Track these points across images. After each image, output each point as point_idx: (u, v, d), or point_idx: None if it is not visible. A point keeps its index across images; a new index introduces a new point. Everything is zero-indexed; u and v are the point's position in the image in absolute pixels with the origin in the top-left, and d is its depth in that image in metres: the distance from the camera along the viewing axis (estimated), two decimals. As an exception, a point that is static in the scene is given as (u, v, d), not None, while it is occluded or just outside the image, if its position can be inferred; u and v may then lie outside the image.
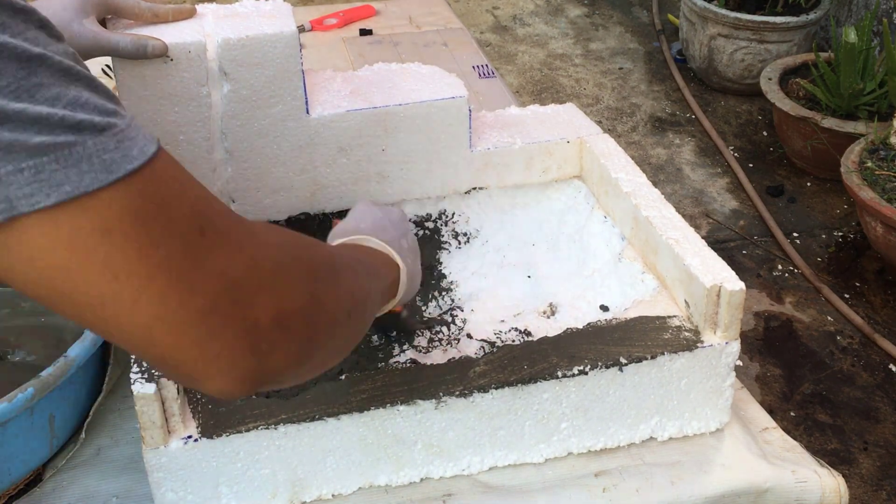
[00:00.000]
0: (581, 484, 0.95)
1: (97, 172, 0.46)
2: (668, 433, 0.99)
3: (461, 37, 2.02)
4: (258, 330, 0.52)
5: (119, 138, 0.47)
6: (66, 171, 0.45)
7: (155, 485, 0.87)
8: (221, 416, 0.88)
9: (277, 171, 1.12)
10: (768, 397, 2.16)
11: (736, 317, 0.94)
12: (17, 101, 0.44)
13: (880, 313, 2.40)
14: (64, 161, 0.45)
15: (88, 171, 0.46)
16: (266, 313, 0.52)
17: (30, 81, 0.44)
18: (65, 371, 0.92)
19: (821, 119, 2.75)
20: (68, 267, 0.46)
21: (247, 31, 1.03)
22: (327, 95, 1.13)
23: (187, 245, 0.49)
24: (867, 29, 2.69)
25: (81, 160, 0.45)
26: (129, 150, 0.47)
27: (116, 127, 0.47)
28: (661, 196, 1.09)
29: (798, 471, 0.97)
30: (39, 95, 0.45)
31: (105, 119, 0.47)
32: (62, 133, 0.45)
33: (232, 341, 0.51)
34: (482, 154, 1.18)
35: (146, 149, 0.49)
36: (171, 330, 0.49)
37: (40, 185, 0.44)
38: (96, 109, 0.47)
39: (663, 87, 3.55)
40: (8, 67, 0.44)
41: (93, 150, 0.46)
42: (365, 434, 0.90)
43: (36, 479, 0.96)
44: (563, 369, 0.92)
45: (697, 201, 2.89)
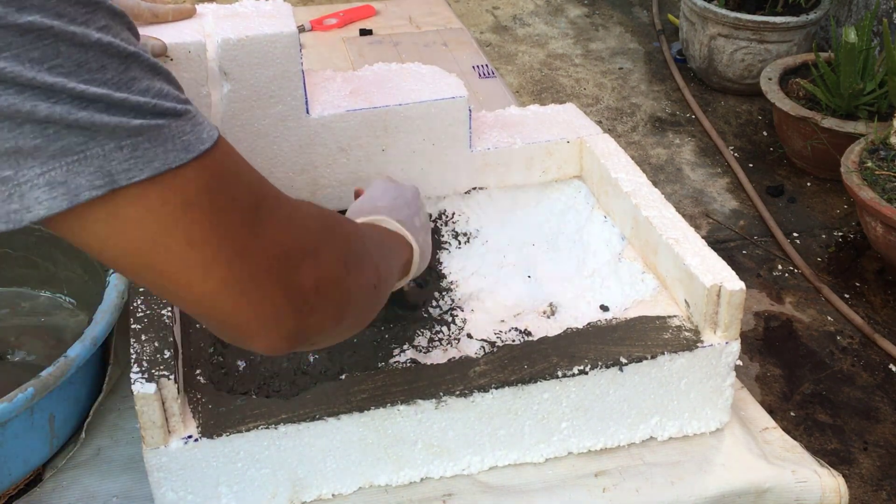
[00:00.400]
0: (581, 484, 0.95)
1: (178, 151, 0.53)
2: (668, 433, 0.99)
3: (461, 37, 2.02)
4: (302, 293, 0.60)
5: (193, 123, 0.54)
6: (156, 149, 0.52)
7: (155, 485, 0.87)
8: (221, 415, 0.88)
9: (277, 171, 1.12)
10: (768, 397, 2.16)
11: (736, 316, 0.94)
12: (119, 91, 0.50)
13: (880, 313, 2.40)
14: (154, 140, 0.52)
15: (172, 150, 0.52)
16: (308, 279, 0.60)
17: (127, 75, 0.51)
18: (65, 371, 0.92)
19: (821, 119, 2.75)
20: (155, 237, 0.53)
21: (247, 31, 1.03)
22: (327, 95, 1.13)
23: (247, 218, 0.57)
24: (867, 29, 2.69)
25: (167, 140, 0.52)
26: (201, 133, 0.54)
27: (190, 113, 0.54)
28: (661, 196, 1.09)
29: (798, 471, 0.97)
30: (135, 87, 0.51)
31: (183, 106, 0.54)
32: (153, 118, 0.52)
33: (280, 302, 0.59)
34: (482, 154, 1.18)
35: (212, 133, 0.55)
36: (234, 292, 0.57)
37: (136, 161, 0.51)
38: (175, 98, 0.54)
39: (663, 87, 3.55)
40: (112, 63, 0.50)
41: (176, 131, 0.53)
42: (365, 434, 0.90)
43: (36, 479, 0.96)
44: (563, 369, 0.92)
45: (697, 201, 2.90)
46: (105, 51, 0.50)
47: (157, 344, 0.88)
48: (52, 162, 0.49)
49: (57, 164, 0.50)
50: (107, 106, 0.50)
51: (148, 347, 0.87)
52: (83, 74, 0.49)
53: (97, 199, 0.51)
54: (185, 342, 0.97)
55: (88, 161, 0.50)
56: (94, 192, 0.50)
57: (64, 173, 0.50)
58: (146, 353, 0.87)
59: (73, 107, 0.49)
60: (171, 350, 0.87)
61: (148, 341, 0.88)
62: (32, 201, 0.50)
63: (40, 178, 0.50)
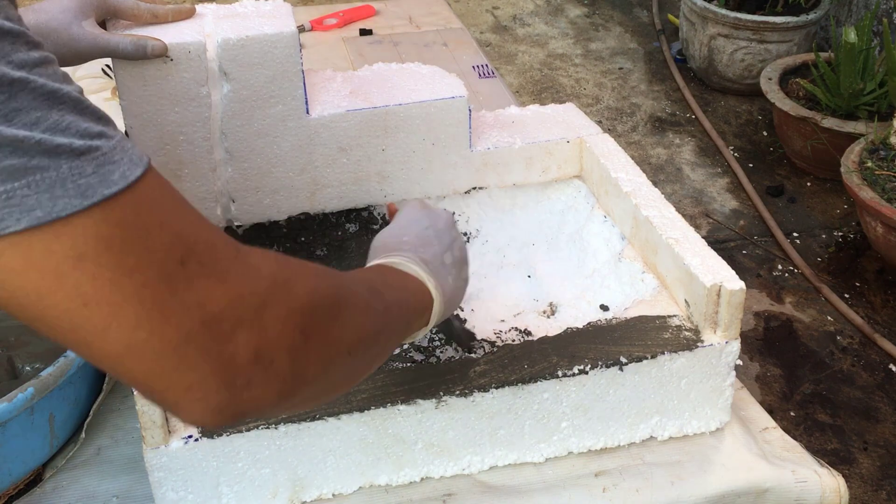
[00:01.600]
0: (581, 484, 0.95)
1: (71, 198, 0.45)
2: (668, 433, 0.99)
3: (461, 37, 2.02)
4: (234, 365, 0.51)
5: (99, 162, 0.46)
6: (38, 195, 0.44)
7: (155, 484, 0.87)
8: (221, 415, 0.88)
9: (277, 171, 1.12)
10: (768, 397, 2.16)
11: (736, 316, 0.94)
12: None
13: (880, 313, 2.40)
14: (36, 186, 0.44)
15: (62, 197, 0.45)
16: (245, 348, 0.51)
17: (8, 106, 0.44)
18: (65, 371, 0.92)
19: (821, 119, 2.75)
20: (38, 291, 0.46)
21: (247, 31, 1.03)
22: (327, 95, 1.13)
23: (164, 275, 0.48)
24: (867, 29, 2.69)
25: (55, 185, 0.45)
26: (110, 175, 0.46)
27: (98, 150, 0.46)
28: (661, 196, 1.09)
29: (798, 471, 0.97)
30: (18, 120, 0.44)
31: (86, 143, 0.46)
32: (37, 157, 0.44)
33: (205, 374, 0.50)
34: (482, 154, 1.18)
35: (129, 173, 0.47)
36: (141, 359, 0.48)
37: (10, 210, 0.44)
38: (77, 133, 0.46)
39: (663, 87, 3.55)
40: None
41: (67, 174, 0.45)
42: (365, 433, 0.90)
43: (36, 479, 0.96)
44: (563, 369, 0.92)
45: (697, 201, 2.90)
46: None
47: (157, 344, 0.88)
48: None
49: None
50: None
51: (148, 347, 0.87)
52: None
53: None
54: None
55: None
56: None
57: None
58: (146, 352, 0.87)
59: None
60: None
61: (148, 341, 0.88)
62: None
63: None
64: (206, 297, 0.49)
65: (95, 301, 0.46)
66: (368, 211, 1.18)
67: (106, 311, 0.47)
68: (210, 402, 0.50)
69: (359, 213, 1.18)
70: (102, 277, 0.46)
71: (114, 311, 0.47)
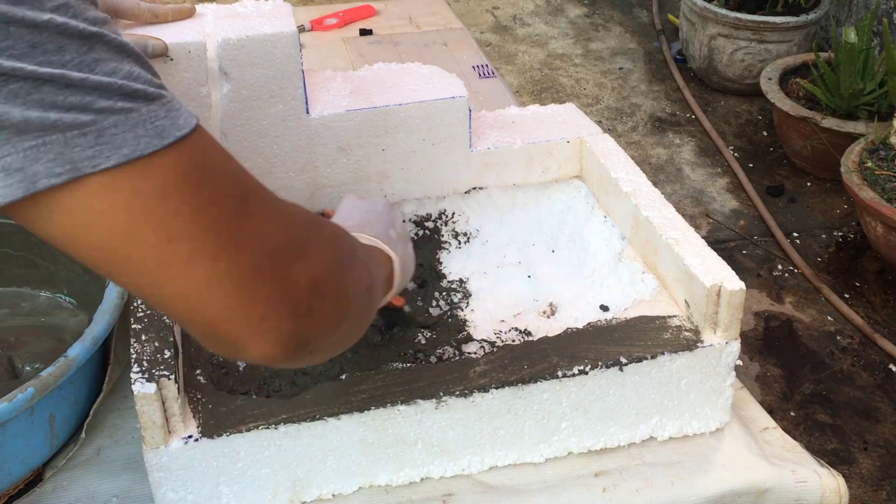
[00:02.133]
0: (581, 484, 0.95)
1: (151, 137, 0.48)
2: (668, 433, 0.99)
3: (461, 37, 2.02)
4: (297, 292, 0.54)
5: (168, 108, 0.50)
6: (125, 134, 0.48)
7: (155, 484, 0.87)
8: (222, 415, 0.88)
9: (277, 171, 1.12)
10: (768, 397, 2.16)
11: (736, 316, 0.94)
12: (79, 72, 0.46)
13: (880, 313, 2.40)
14: (122, 125, 0.48)
15: (143, 136, 0.48)
16: (303, 277, 0.55)
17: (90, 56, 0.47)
18: (65, 371, 0.92)
19: (821, 119, 2.75)
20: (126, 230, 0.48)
21: (247, 31, 1.03)
22: (327, 95, 1.13)
23: (233, 210, 0.52)
24: (867, 29, 2.69)
25: (137, 125, 0.48)
26: (177, 119, 0.50)
27: (164, 98, 0.50)
28: (661, 196, 1.09)
29: (798, 471, 0.97)
30: (99, 69, 0.47)
31: (156, 90, 0.50)
32: (120, 100, 0.48)
33: (275, 303, 0.53)
34: (482, 154, 1.18)
35: (189, 120, 0.51)
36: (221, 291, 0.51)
37: (101, 148, 0.47)
38: (148, 81, 0.50)
39: (663, 87, 3.55)
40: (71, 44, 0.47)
41: (147, 116, 0.49)
42: (365, 434, 0.90)
43: (36, 479, 0.96)
44: (563, 369, 0.92)
45: (697, 201, 2.90)
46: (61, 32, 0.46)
47: (157, 344, 0.88)
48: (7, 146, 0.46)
49: (13, 150, 0.46)
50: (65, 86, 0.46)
51: (148, 347, 0.87)
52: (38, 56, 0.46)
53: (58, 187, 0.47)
54: (185, 342, 0.97)
55: (47, 147, 0.46)
56: (54, 180, 0.47)
57: (20, 159, 0.46)
58: (146, 352, 0.87)
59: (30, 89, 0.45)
60: (172, 350, 0.87)
61: (148, 341, 0.88)
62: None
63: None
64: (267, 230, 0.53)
65: (180, 235, 0.49)
66: (368, 211, 1.18)
67: (189, 244, 0.49)
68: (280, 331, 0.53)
69: (359, 213, 1.18)
70: (184, 213, 0.49)
71: (196, 245, 0.50)
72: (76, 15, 0.48)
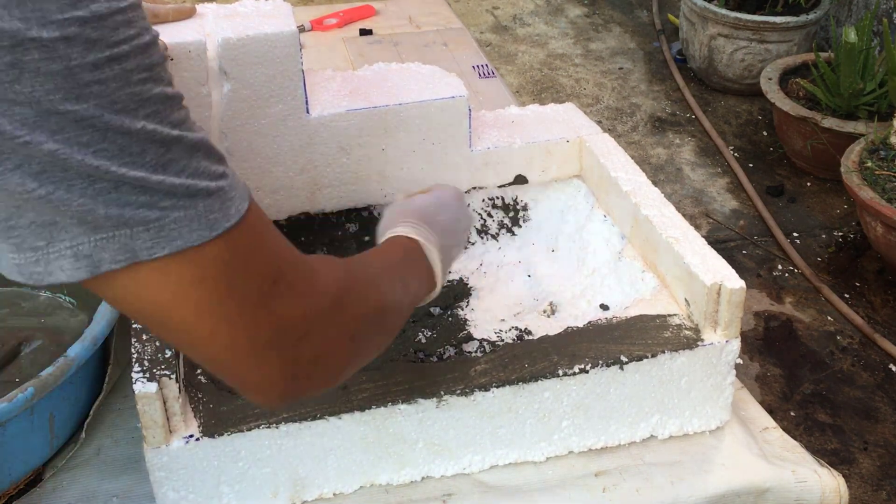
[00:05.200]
0: (581, 484, 0.95)
1: (202, 230, 0.56)
2: (668, 431, 0.99)
3: (461, 37, 2.02)
4: (299, 365, 0.63)
5: (223, 200, 0.57)
6: (181, 229, 0.55)
7: (156, 484, 0.87)
8: (223, 415, 0.88)
9: (277, 171, 1.12)
10: (768, 397, 2.16)
11: (736, 315, 0.94)
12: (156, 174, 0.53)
13: (880, 313, 2.40)
14: (181, 221, 0.55)
15: (196, 229, 0.55)
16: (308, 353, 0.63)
17: (167, 157, 0.54)
18: (65, 371, 0.92)
19: (821, 119, 2.75)
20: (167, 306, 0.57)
21: (247, 30, 1.03)
22: (327, 95, 1.13)
23: (260, 292, 0.59)
24: (867, 29, 2.69)
25: (193, 220, 0.55)
26: (229, 210, 0.57)
27: (222, 190, 0.57)
28: (660, 195, 1.09)
29: (798, 471, 0.97)
30: (171, 169, 0.54)
31: (216, 184, 0.56)
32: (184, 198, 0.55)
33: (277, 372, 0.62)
34: (482, 154, 1.18)
35: (240, 207, 0.58)
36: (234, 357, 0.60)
37: (159, 240, 0.54)
38: (210, 176, 0.56)
39: (663, 87, 3.55)
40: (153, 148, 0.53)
41: (202, 211, 0.56)
42: (366, 433, 0.90)
43: (36, 479, 0.96)
44: (563, 368, 0.92)
45: (697, 201, 2.90)
46: (148, 137, 0.53)
47: (157, 343, 0.88)
48: (81, 237, 0.53)
49: (86, 240, 0.53)
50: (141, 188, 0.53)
51: (149, 347, 0.87)
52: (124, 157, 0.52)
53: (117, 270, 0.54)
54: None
55: (116, 240, 0.53)
56: (115, 266, 0.54)
57: (90, 248, 0.53)
58: (147, 352, 0.87)
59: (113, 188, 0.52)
60: (172, 349, 0.87)
61: (149, 340, 0.88)
62: (56, 268, 0.54)
63: (68, 251, 0.53)
64: (286, 311, 0.61)
65: (208, 313, 0.58)
66: (368, 211, 1.18)
67: (215, 320, 0.58)
68: (278, 390, 0.63)
69: (359, 213, 1.18)
70: (216, 294, 0.57)
71: (219, 321, 0.58)
72: (163, 120, 0.54)
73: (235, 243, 0.58)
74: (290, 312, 0.61)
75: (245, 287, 0.59)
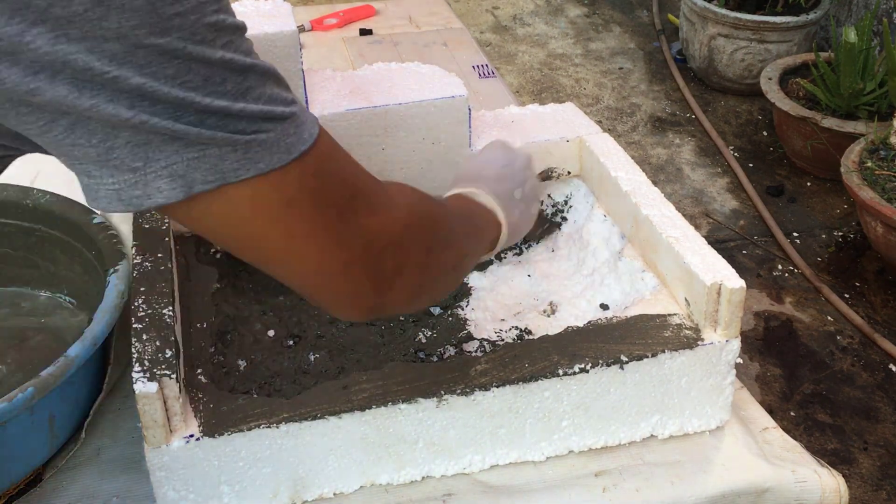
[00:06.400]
0: (581, 484, 0.95)
1: (282, 153, 0.59)
2: (668, 431, 0.99)
3: (461, 37, 2.03)
4: (384, 276, 0.67)
5: (296, 124, 0.60)
6: (263, 152, 0.58)
7: (157, 484, 0.87)
8: (223, 415, 0.88)
9: (278, 170, 1.12)
10: (768, 397, 2.16)
11: (736, 314, 0.94)
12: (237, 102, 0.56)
13: (880, 313, 2.40)
14: (263, 144, 0.58)
15: (277, 153, 0.59)
16: (391, 264, 0.67)
17: (244, 85, 0.57)
18: (65, 371, 0.92)
19: (821, 119, 2.75)
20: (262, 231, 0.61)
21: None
22: (327, 95, 1.13)
23: (342, 211, 0.63)
24: (867, 29, 2.69)
25: (273, 144, 0.58)
26: (302, 134, 0.60)
27: (294, 115, 0.60)
28: (660, 195, 1.09)
29: (798, 471, 0.97)
30: (249, 95, 0.57)
31: (289, 109, 0.60)
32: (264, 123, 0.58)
33: (364, 284, 0.66)
34: (482, 153, 1.18)
35: (313, 131, 0.61)
36: (324, 275, 0.65)
37: (245, 162, 0.57)
38: (282, 101, 0.59)
39: (663, 87, 3.55)
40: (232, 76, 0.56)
41: (281, 135, 0.59)
42: (366, 433, 0.90)
43: (36, 479, 0.96)
44: (564, 367, 0.92)
45: (697, 201, 2.90)
46: (227, 66, 0.56)
47: (158, 343, 0.88)
48: (175, 156, 0.55)
49: (179, 159, 0.56)
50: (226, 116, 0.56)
51: (149, 347, 0.87)
52: (208, 87, 0.55)
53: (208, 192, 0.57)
54: (186, 341, 0.97)
55: (206, 159, 0.56)
56: (207, 186, 0.57)
57: (184, 167, 0.56)
58: (147, 352, 0.87)
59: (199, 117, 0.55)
60: (173, 349, 0.87)
61: (149, 340, 0.88)
62: (154, 190, 0.56)
63: (164, 171, 0.56)
64: (366, 227, 0.65)
65: (300, 234, 0.62)
66: (369, 210, 1.18)
67: (305, 241, 0.62)
68: (366, 303, 0.68)
69: (359, 213, 1.18)
70: (304, 216, 0.61)
71: (310, 242, 0.62)
72: (237, 49, 0.57)
73: (313, 165, 0.61)
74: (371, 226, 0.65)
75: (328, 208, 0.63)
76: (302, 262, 0.64)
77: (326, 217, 0.63)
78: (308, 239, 0.62)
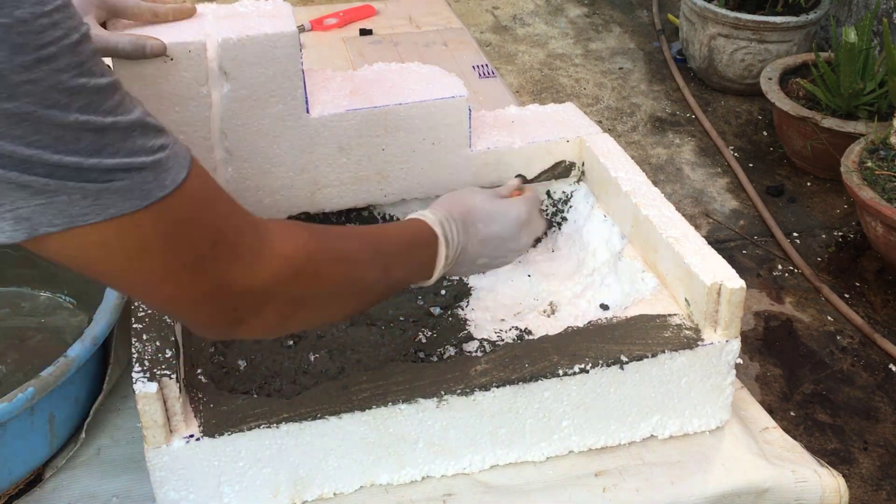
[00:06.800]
0: (581, 484, 0.95)
1: (135, 199, 0.61)
2: (668, 431, 0.99)
3: (461, 37, 2.03)
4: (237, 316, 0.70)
5: (157, 171, 0.62)
6: (115, 198, 0.60)
7: (157, 484, 0.87)
8: (223, 415, 0.88)
9: (277, 171, 1.12)
10: (768, 397, 2.16)
11: (736, 315, 0.94)
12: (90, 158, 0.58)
13: (880, 313, 2.40)
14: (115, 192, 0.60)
15: (130, 199, 0.60)
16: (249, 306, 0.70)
17: (100, 143, 0.58)
18: (65, 371, 0.92)
19: (821, 119, 2.75)
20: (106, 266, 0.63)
21: (247, 30, 1.03)
22: (327, 95, 1.13)
23: (200, 255, 0.66)
24: (867, 29, 2.69)
25: (127, 191, 0.60)
26: (164, 181, 0.62)
27: (159, 163, 0.62)
28: (660, 195, 1.09)
29: (798, 470, 0.97)
30: (106, 151, 0.59)
31: (151, 158, 0.61)
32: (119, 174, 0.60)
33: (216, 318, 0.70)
34: (482, 153, 1.18)
35: (177, 177, 0.63)
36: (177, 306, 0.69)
37: (94, 208, 0.59)
38: (145, 152, 0.61)
39: (663, 87, 3.55)
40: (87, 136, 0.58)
41: (137, 182, 0.60)
42: (366, 433, 0.90)
43: (36, 479, 0.96)
44: (564, 368, 0.92)
45: (697, 201, 2.90)
46: (82, 127, 0.57)
47: (158, 343, 0.88)
48: (21, 202, 0.57)
49: (25, 205, 0.58)
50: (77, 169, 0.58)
51: (149, 347, 0.87)
52: (59, 146, 0.57)
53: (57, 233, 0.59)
54: (186, 341, 0.97)
55: (54, 205, 0.58)
56: (53, 229, 0.59)
57: (30, 212, 0.58)
58: (148, 352, 0.87)
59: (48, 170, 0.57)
60: (173, 349, 0.87)
61: (149, 340, 0.88)
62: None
63: (9, 214, 0.58)
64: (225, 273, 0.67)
65: (153, 273, 0.64)
66: (368, 211, 1.18)
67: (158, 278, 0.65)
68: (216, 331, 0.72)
69: (359, 213, 1.18)
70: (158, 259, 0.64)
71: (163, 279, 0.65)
72: (95, 110, 0.58)
73: (170, 210, 0.63)
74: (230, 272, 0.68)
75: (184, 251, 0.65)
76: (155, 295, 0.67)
77: (182, 260, 0.65)
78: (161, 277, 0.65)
